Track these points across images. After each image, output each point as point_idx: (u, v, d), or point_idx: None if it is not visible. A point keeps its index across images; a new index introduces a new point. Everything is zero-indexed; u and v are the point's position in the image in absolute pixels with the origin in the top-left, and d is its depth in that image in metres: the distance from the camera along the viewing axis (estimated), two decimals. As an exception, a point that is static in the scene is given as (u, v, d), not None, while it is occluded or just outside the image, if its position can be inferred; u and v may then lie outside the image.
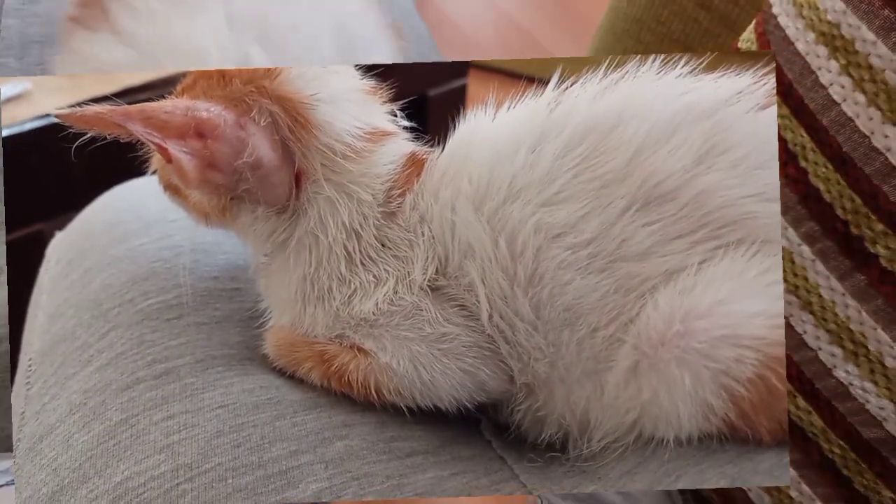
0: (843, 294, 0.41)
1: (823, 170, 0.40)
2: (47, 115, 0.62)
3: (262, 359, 0.42)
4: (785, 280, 0.42)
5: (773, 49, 0.43)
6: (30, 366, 0.45)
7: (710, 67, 0.38)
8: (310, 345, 0.40)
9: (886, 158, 0.38)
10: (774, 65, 0.39)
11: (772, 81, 0.37)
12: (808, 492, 0.44)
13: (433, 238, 0.39)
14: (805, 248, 0.41)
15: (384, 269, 0.39)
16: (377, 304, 0.39)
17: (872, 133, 0.38)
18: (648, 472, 0.37)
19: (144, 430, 0.38)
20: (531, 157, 0.37)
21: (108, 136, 0.37)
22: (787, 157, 0.42)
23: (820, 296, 0.41)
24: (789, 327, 0.43)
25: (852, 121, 0.39)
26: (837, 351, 0.42)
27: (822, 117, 0.40)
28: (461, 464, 0.40)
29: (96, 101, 0.38)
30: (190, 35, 0.53)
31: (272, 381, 0.41)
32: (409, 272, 0.39)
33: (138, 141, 0.38)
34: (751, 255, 0.36)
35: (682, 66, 0.38)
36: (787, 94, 0.42)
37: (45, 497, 0.37)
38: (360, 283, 0.39)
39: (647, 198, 0.36)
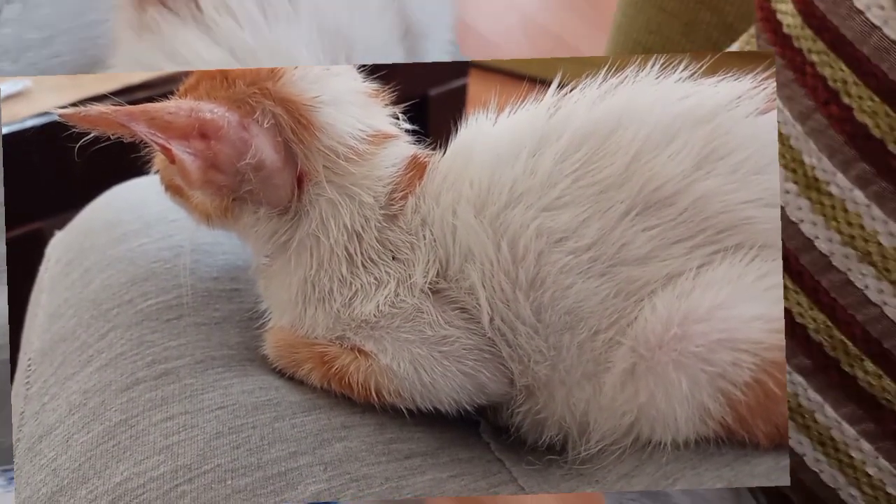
0: None
1: (869, 103, 0.38)
2: (47, 113, 0.62)
3: (261, 360, 0.42)
4: (839, 231, 0.40)
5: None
6: (29, 365, 0.45)
7: (710, 71, 0.38)
8: (310, 346, 0.40)
9: None
10: (774, 69, 0.39)
11: (771, 85, 0.37)
12: (888, 466, 0.41)
13: (434, 241, 0.39)
14: (858, 193, 0.38)
15: (385, 272, 0.39)
16: (378, 306, 0.39)
17: None
18: (646, 475, 0.37)
19: (144, 430, 0.38)
20: (532, 161, 0.37)
21: (111, 136, 0.37)
22: (829, 96, 0.39)
23: (879, 244, 0.38)
24: (849, 284, 0.40)
25: None
26: None
27: (861, 46, 0.37)
28: (460, 466, 0.40)
29: (97, 99, 0.38)
30: (282, 41, 0.53)
31: (272, 382, 0.41)
32: (410, 275, 0.39)
33: (140, 141, 0.38)
34: (749, 260, 0.36)
35: (682, 71, 0.38)
36: (820, 27, 0.39)
37: (44, 497, 0.37)
38: (361, 285, 0.39)
39: (647, 202, 0.36)
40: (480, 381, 0.39)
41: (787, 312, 0.43)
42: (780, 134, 0.41)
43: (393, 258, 0.39)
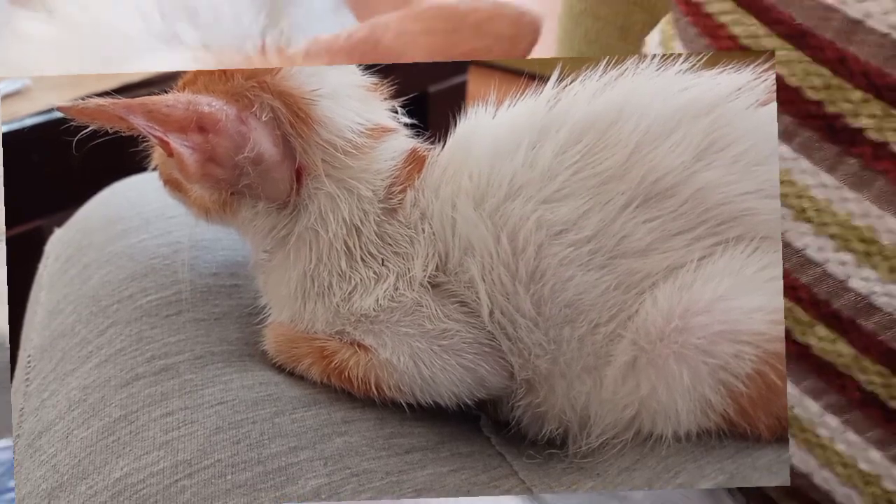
0: (839, 187, 0.36)
1: (782, 52, 0.37)
2: (46, 111, 0.62)
3: (261, 355, 0.42)
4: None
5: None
6: (29, 362, 0.45)
7: (710, 64, 0.38)
8: (309, 341, 0.40)
9: (845, 13, 0.35)
10: (774, 61, 0.39)
11: (772, 78, 0.37)
12: (857, 440, 0.38)
13: (434, 234, 0.39)
14: (784, 148, 0.37)
15: (384, 266, 0.39)
16: (377, 300, 0.39)
17: None
18: (647, 469, 0.37)
19: (143, 426, 0.38)
20: (531, 154, 0.37)
21: (109, 130, 0.37)
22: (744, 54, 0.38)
23: (812, 198, 0.37)
24: (786, 245, 0.37)
25: None
26: (848, 257, 0.36)
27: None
28: (460, 460, 0.40)
29: (96, 96, 0.38)
30: (119, 16, 0.52)
31: (271, 377, 0.41)
32: (409, 268, 0.39)
33: (139, 136, 0.38)
34: (750, 252, 0.36)
35: (682, 63, 0.38)
36: None
37: (44, 493, 0.37)
38: (361, 280, 0.39)
39: (647, 194, 0.36)
40: (480, 374, 0.39)
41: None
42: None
43: (392, 252, 0.39)
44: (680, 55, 0.38)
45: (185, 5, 0.54)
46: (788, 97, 0.36)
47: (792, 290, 0.38)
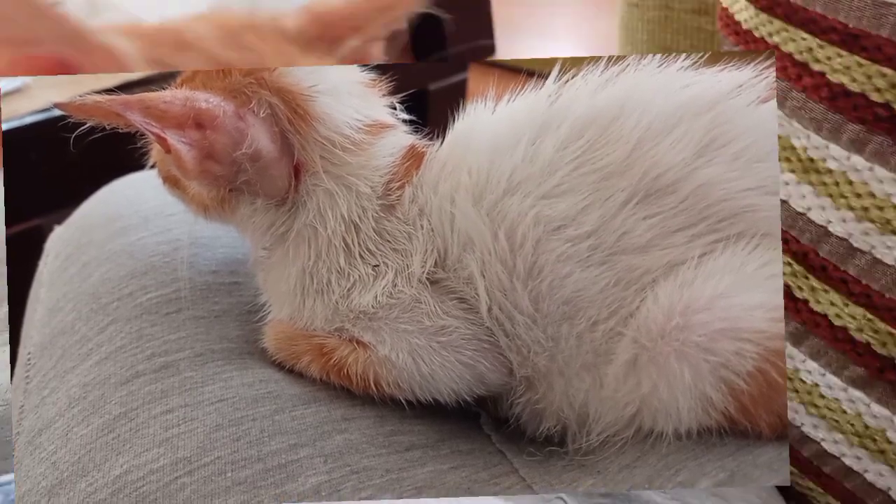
0: None
1: (839, 60, 0.35)
2: (46, 110, 0.62)
3: (261, 353, 0.42)
4: (850, 208, 0.37)
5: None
6: (29, 359, 0.45)
7: (711, 61, 0.38)
8: (309, 338, 0.40)
9: None
10: (774, 57, 0.38)
11: (772, 75, 0.37)
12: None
13: (432, 231, 0.39)
14: (857, 159, 0.35)
15: (383, 262, 0.39)
16: (376, 296, 0.39)
17: None
18: (648, 466, 0.37)
19: (144, 423, 0.38)
20: (531, 149, 0.37)
21: (106, 126, 0.37)
22: (799, 70, 0.37)
23: (895, 207, 0.35)
24: (878, 263, 0.36)
25: None
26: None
27: (813, 6, 0.35)
28: (460, 458, 0.40)
29: (95, 93, 0.38)
30: None
31: (271, 374, 0.41)
32: (408, 265, 0.39)
33: (137, 132, 0.38)
34: (751, 249, 0.36)
35: (683, 60, 0.38)
36: (770, 6, 0.38)
37: (44, 490, 0.37)
38: (359, 276, 0.39)
39: (648, 190, 0.36)
40: (479, 371, 0.39)
41: (823, 318, 0.40)
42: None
43: (391, 248, 0.39)
44: (679, 55, 0.38)
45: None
46: (852, 104, 0.35)
47: (889, 311, 0.37)
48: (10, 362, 0.47)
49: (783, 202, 0.37)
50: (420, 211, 0.39)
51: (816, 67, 0.38)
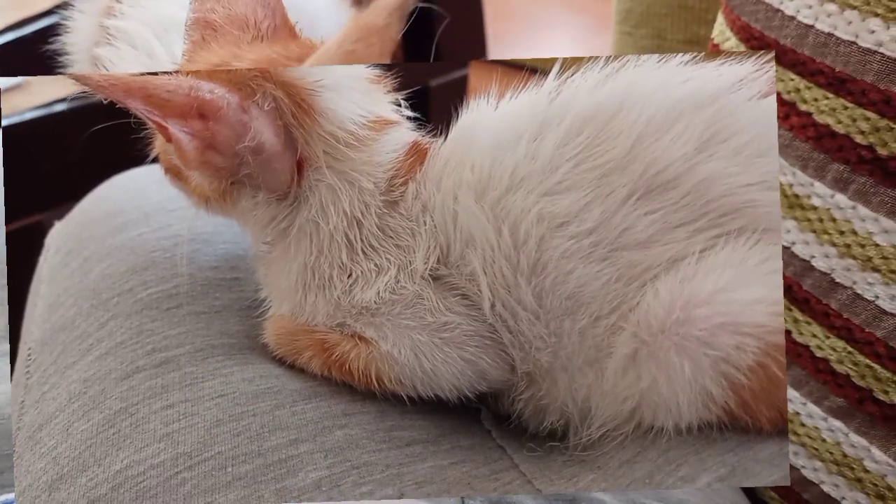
0: None
1: (825, 102, 0.37)
2: (47, 105, 0.62)
3: (261, 348, 0.42)
4: (833, 244, 0.38)
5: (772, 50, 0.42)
6: (29, 355, 0.45)
7: (711, 56, 0.38)
8: (310, 333, 0.40)
9: (883, 55, 0.35)
10: (774, 54, 0.38)
11: (772, 70, 0.37)
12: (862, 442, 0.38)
13: (435, 227, 0.39)
14: (840, 197, 0.37)
15: (385, 258, 0.39)
16: (378, 292, 0.39)
17: (857, 36, 0.35)
18: (648, 461, 0.37)
19: (144, 418, 0.38)
20: (533, 146, 0.37)
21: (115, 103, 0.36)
22: (787, 109, 0.39)
23: (877, 245, 0.36)
24: (859, 298, 0.37)
25: (832, 34, 0.36)
26: None
27: (801, 48, 0.37)
28: (461, 453, 0.40)
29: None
30: None
31: (272, 370, 0.41)
32: (410, 261, 0.39)
33: (139, 122, 0.38)
34: (752, 244, 0.36)
35: (683, 55, 0.38)
36: (760, 46, 0.40)
37: (44, 485, 0.37)
38: (362, 272, 0.39)
39: (649, 186, 0.36)
40: (481, 367, 0.39)
41: (805, 348, 0.41)
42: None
43: (393, 244, 0.39)
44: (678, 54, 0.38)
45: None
46: (837, 144, 0.37)
47: (868, 345, 0.38)
48: (10, 362, 0.47)
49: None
50: (423, 207, 0.39)
51: (803, 108, 0.39)
